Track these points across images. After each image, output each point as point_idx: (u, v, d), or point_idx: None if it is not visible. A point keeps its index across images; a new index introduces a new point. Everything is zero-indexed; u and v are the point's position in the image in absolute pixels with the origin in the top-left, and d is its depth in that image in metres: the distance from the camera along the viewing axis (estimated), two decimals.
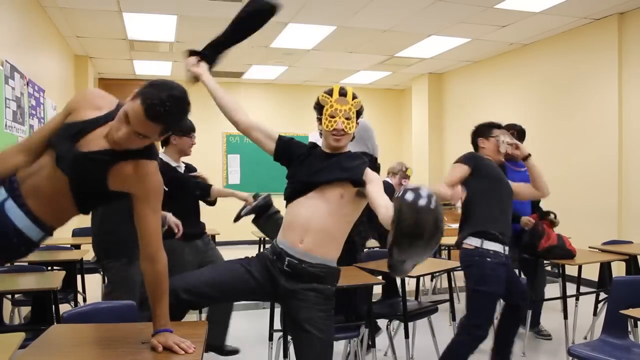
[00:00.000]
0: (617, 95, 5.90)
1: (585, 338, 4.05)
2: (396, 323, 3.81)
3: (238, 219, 3.19)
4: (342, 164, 2.17)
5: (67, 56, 7.36)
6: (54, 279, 3.03)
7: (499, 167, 3.29)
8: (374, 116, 10.10)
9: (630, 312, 2.49)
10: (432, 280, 5.52)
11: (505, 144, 3.24)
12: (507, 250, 3.09)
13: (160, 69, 8.77)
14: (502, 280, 3.06)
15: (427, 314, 3.63)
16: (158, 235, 1.78)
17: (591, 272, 4.40)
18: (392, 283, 3.76)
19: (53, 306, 2.98)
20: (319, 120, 2.22)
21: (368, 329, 3.24)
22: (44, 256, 3.77)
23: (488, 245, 3.01)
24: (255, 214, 3.05)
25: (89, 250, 4.02)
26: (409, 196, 1.68)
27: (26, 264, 3.39)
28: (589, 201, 6.18)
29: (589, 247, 4.31)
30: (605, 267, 4.26)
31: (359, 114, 2.23)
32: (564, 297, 3.93)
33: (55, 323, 2.83)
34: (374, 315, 3.26)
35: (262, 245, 6.59)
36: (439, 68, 9.03)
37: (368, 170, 2.16)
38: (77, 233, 5.20)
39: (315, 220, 2.11)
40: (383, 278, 3.31)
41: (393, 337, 3.62)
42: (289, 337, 2.83)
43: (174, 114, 1.65)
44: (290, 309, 2.15)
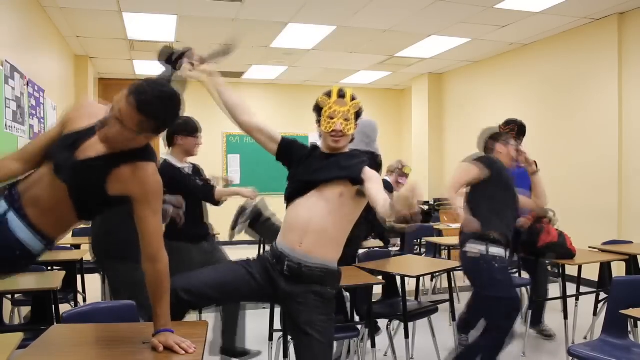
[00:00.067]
0: (617, 95, 5.90)
1: (585, 338, 4.05)
2: (396, 323, 3.81)
3: (233, 231, 3.19)
4: (341, 163, 2.18)
5: (67, 56, 7.36)
6: (54, 279, 3.03)
7: None
8: (374, 116, 9.98)
9: (630, 312, 2.49)
10: (432, 280, 5.52)
11: (524, 158, 3.36)
12: (509, 253, 3.12)
13: (160, 69, 8.75)
14: (512, 282, 3.08)
15: (427, 314, 3.63)
16: (159, 235, 1.79)
17: (591, 272, 4.40)
18: (392, 283, 3.75)
19: (53, 306, 2.98)
20: (318, 122, 2.23)
21: (368, 329, 3.24)
22: (44, 256, 3.73)
23: (493, 250, 3.02)
24: (249, 224, 3.05)
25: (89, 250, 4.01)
26: None
27: None
28: (589, 201, 6.18)
29: (589, 247, 4.31)
30: (605, 267, 4.26)
31: (358, 115, 2.23)
32: (564, 297, 3.92)
33: (55, 323, 2.84)
34: (374, 315, 3.26)
35: (262, 246, 6.59)
36: (439, 68, 9.03)
37: (367, 168, 2.16)
38: (77, 233, 5.20)
39: (315, 221, 2.11)
40: (383, 278, 3.31)
41: (393, 337, 3.62)
42: (289, 337, 2.83)
43: (161, 108, 1.67)
44: (291, 312, 2.15)
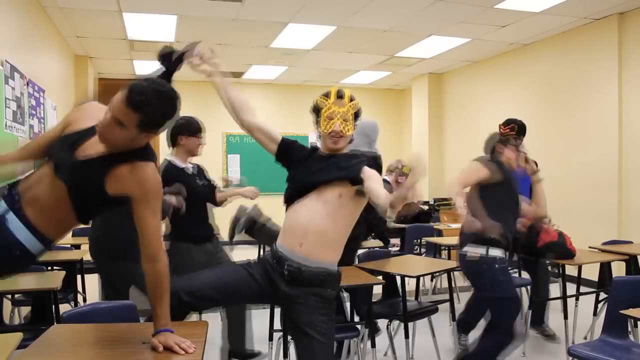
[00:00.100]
0: (617, 95, 5.90)
1: (585, 338, 4.05)
2: (396, 323, 3.81)
3: (232, 238, 3.20)
4: (340, 164, 2.18)
5: (67, 56, 7.36)
6: (54, 279, 3.03)
7: None
8: (374, 116, 10.00)
9: (630, 312, 2.49)
10: (432, 280, 5.51)
11: (530, 168, 3.40)
12: (508, 254, 3.14)
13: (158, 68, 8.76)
14: (513, 282, 3.12)
15: (427, 314, 3.63)
16: (158, 235, 1.79)
17: (591, 272, 4.40)
18: (392, 283, 3.75)
19: (53, 306, 2.98)
20: (317, 123, 2.22)
21: (368, 329, 3.24)
22: (44, 256, 3.72)
23: (493, 252, 3.05)
24: (245, 232, 3.06)
25: None
26: None
27: None
28: (589, 201, 6.18)
29: (589, 247, 4.30)
30: (605, 267, 4.26)
31: (356, 115, 2.23)
32: (564, 297, 3.92)
33: (55, 323, 2.84)
34: (374, 315, 3.26)
35: (262, 246, 6.58)
36: (439, 68, 9.03)
37: (365, 167, 2.16)
38: (77, 233, 5.19)
39: (315, 223, 2.11)
40: (383, 278, 3.31)
41: (393, 337, 3.62)
42: (289, 338, 2.83)
43: (154, 105, 1.67)
44: (291, 313, 2.15)
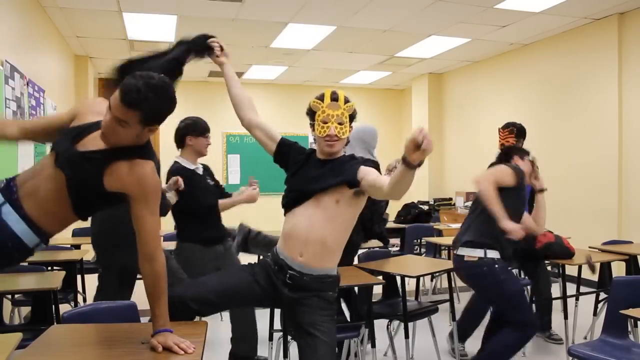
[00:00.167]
0: (617, 95, 5.90)
1: (585, 338, 4.05)
2: (396, 323, 3.81)
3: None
4: (336, 169, 2.17)
5: (67, 56, 7.36)
6: (54, 279, 3.03)
7: None
8: (374, 116, 10.11)
9: (630, 312, 2.49)
10: (432, 280, 5.51)
11: (540, 184, 3.46)
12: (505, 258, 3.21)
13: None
14: (514, 276, 3.15)
15: (427, 314, 3.63)
16: (156, 234, 1.78)
17: (591, 272, 4.40)
18: (392, 283, 3.75)
19: (53, 306, 2.98)
20: (312, 126, 2.21)
21: (368, 329, 3.24)
22: (44, 256, 3.76)
23: (490, 254, 3.10)
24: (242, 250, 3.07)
25: (89, 250, 4.02)
26: None
27: (26, 264, 3.38)
28: (589, 201, 6.18)
29: (589, 247, 4.30)
30: (605, 267, 4.26)
31: (352, 118, 2.21)
32: (564, 297, 3.92)
33: (55, 323, 2.84)
34: (374, 315, 3.26)
35: None
36: (439, 68, 9.03)
37: (362, 167, 2.13)
38: (77, 233, 5.20)
39: (314, 230, 2.11)
40: (383, 278, 3.31)
41: (393, 337, 3.62)
42: (289, 337, 2.83)
43: (151, 100, 1.66)
44: (294, 314, 2.16)
